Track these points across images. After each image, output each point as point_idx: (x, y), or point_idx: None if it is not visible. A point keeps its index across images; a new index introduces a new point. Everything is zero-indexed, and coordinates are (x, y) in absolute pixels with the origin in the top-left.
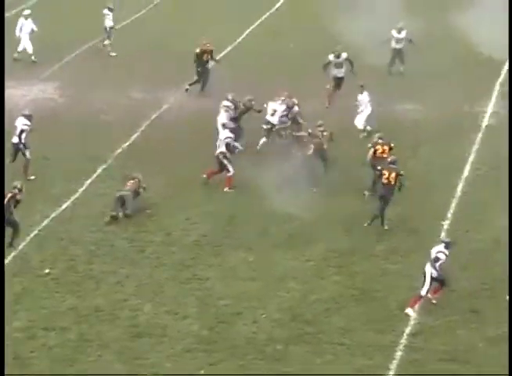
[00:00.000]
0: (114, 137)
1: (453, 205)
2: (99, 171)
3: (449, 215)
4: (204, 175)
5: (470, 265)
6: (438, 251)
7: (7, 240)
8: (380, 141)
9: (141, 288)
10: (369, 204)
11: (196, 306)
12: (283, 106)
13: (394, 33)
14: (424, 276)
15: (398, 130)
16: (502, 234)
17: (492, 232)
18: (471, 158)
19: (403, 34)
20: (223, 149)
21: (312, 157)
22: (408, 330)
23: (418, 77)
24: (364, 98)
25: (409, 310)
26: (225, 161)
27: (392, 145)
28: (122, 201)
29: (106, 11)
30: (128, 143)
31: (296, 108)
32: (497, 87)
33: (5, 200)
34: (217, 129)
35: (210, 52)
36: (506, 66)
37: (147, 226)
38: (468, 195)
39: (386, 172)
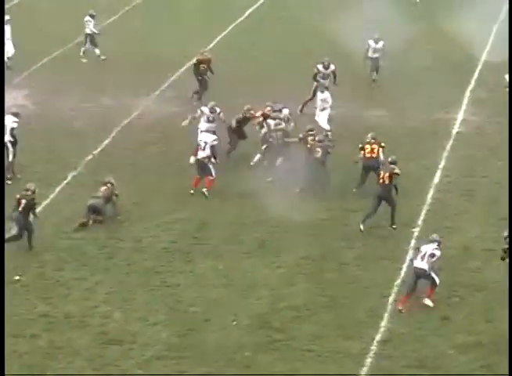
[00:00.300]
0: (85, 144)
1: (424, 212)
2: (70, 178)
3: (420, 223)
4: (192, 191)
5: (440, 273)
6: (434, 248)
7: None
8: (372, 141)
9: (111, 295)
10: (341, 211)
11: (166, 313)
12: (277, 121)
13: (371, 43)
14: (422, 274)
15: None
16: (472, 241)
17: (462, 239)
18: (442, 165)
19: (380, 45)
20: (208, 152)
21: (319, 161)
22: (378, 337)
23: (390, 83)
24: (328, 96)
25: (428, 301)
26: (210, 165)
27: (383, 144)
28: (93, 209)
29: (87, 18)
30: (98, 150)
31: (286, 111)
32: (468, 94)
33: (21, 207)
34: (196, 134)
35: (208, 62)
36: (476, 74)
37: (118, 233)
38: (439, 202)
39: (381, 172)
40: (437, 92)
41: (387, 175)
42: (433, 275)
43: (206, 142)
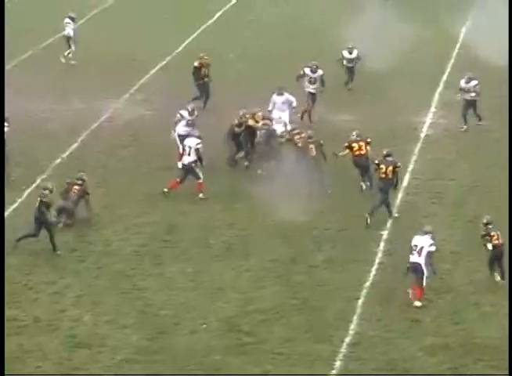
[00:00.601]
0: (54, 147)
1: (393, 215)
2: (39, 181)
3: (389, 225)
4: (166, 189)
5: (409, 276)
6: (431, 243)
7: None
8: (358, 138)
9: (81, 298)
10: (309, 213)
11: (136, 316)
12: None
13: (345, 53)
14: (417, 268)
15: (338, 140)
16: (441, 244)
17: None
18: (410, 168)
19: (354, 54)
20: (194, 157)
21: (316, 158)
22: (347, 339)
23: (358, 87)
24: (288, 98)
25: (417, 303)
26: (197, 169)
27: (369, 140)
28: (63, 211)
29: (67, 20)
30: (67, 153)
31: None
32: (436, 97)
33: (37, 204)
34: (175, 139)
35: (208, 66)
36: (445, 77)
37: (87, 236)
38: (407, 205)
39: (383, 166)
40: (405, 95)
41: (390, 168)
42: (425, 272)
43: (190, 147)
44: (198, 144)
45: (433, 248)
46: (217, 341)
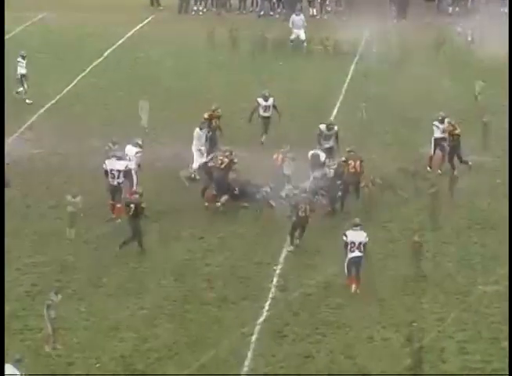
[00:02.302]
0: None
1: (285, 250)
2: None
3: (281, 260)
4: (114, 216)
5: (301, 310)
6: (365, 236)
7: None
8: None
9: None
10: (201, 251)
11: (29, 357)
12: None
13: (261, 101)
14: (358, 262)
15: None
16: (332, 278)
17: (322, 277)
18: None
19: (270, 101)
20: (122, 178)
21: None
22: None
23: (245, 123)
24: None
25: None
26: (123, 190)
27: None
28: None
29: (19, 58)
30: None
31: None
32: None
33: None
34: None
35: (218, 118)
36: (335, 112)
37: None
38: (300, 240)
39: (351, 162)
40: (292, 133)
41: (358, 163)
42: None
43: (119, 171)
44: (127, 166)
45: (367, 239)
46: None
